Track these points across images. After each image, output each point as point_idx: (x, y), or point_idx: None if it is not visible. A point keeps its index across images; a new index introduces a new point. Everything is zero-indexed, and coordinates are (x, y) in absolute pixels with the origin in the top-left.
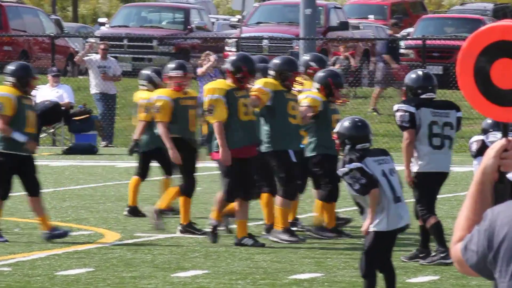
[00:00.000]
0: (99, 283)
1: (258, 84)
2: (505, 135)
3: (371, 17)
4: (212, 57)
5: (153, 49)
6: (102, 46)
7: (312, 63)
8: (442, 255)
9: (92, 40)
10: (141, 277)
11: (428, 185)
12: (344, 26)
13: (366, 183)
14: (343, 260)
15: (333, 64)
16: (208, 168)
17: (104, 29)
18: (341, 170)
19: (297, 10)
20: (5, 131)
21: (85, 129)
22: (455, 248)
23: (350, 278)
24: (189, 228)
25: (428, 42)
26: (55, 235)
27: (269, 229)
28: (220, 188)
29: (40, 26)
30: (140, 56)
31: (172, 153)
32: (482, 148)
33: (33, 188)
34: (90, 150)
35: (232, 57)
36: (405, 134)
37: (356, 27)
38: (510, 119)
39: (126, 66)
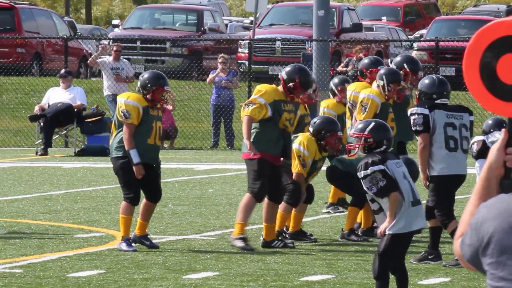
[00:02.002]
0: (110, 285)
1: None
2: (510, 130)
3: (384, 18)
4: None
5: (166, 51)
6: (115, 48)
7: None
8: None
9: (105, 42)
10: (152, 279)
11: (446, 188)
12: (357, 27)
13: (385, 185)
14: (354, 262)
15: (346, 66)
16: (219, 170)
17: (117, 31)
18: (362, 172)
19: (310, 12)
20: (128, 142)
21: (97, 131)
22: (456, 243)
23: (362, 280)
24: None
25: (441, 43)
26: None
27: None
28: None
29: (53, 28)
30: (153, 58)
31: None
32: (483, 149)
33: (154, 194)
34: (102, 152)
35: (288, 67)
36: (419, 138)
37: (369, 29)
38: None
39: (139, 68)
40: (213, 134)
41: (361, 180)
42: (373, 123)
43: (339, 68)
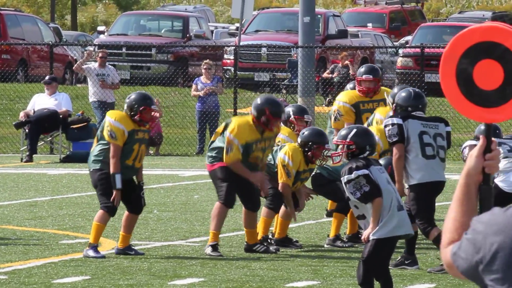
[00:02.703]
0: None
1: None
2: (488, 136)
3: (370, 25)
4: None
5: (151, 57)
6: (100, 54)
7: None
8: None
9: (90, 48)
10: (138, 285)
11: (425, 196)
12: (342, 34)
13: (369, 191)
14: (340, 268)
15: (332, 72)
16: (205, 176)
17: (102, 37)
18: (345, 177)
19: (295, 18)
20: (114, 166)
21: (83, 137)
22: (445, 252)
23: (347, 286)
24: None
25: (426, 50)
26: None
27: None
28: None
29: (38, 34)
30: (139, 64)
31: None
32: None
33: (136, 206)
34: (87, 158)
35: (254, 102)
36: (394, 149)
37: (355, 35)
38: (493, 120)
39: (125, 74)
40: (199, 140)
41: (344, 186)
42: (355, 130)
43: (325, 75)
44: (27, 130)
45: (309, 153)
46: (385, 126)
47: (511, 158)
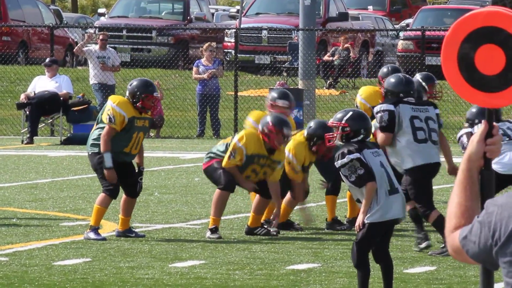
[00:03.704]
0: (96, 273)
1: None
2: (489, 121)
3: (371, 7)
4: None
5: (152, 40)
6: (101, 37)
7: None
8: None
9: (91, 30)
10: (139, 267)
11: (421, 179)
12: (343, 16)
13: (363, 174)
14: (340, 250)
15: (332, 55)
16: (201, 159)
17: (103, 20)
18: (339, 162)
19: (296, 1)
20: (105, 145)
21: (83, 120)
22: (452, 237)
23: (348, 269)
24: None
25: (427, 33)
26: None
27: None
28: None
29: (39, 17)
30: (139, 46)
31: None
32: None
33: (133, 190)
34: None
35: (263, 120)
36: (382, 136)
37: (356, 18)
38: (494, 105)
39: (125, 57)
40: (199, 123)
41: (340, 170)
42: (350, 113)
43: (325, 58)
44: (27, 112)
45: (313, 148)
46: (377, 112)
47: (505, 141)
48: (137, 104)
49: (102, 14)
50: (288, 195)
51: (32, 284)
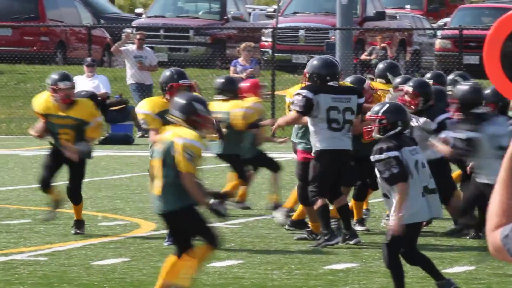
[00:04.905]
0: (135, 273)
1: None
2: None
3: (408, 7)
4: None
5: (189, 39)
6: (138, 36)
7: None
8: (325, 237)
9: (128, 30)
10: None
11: (325, 163)
12: (380, 16)
13: (397, 173)
14: (378, 250)
15: (370, 54)
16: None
17: (140, 20)
18: (376, 156)
19: (333, 0)
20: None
21: (121, 119)
22: (494, 236)
23: (386, 268)
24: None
25: (465, 32)
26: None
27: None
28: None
29: (76, 16)
30: (177, 46)
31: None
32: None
33: None
34: (126, 140)
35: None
36: (294, 115)
37: (393, 17)
38: None
39: (163, 57)
40: None
41: (375, 164)
42: (387, 105)
43: (363, 57)
44: None
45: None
46: (296, 94)
47: None
48: (166, 97)
49: (140, 14)
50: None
51: (71, 283)
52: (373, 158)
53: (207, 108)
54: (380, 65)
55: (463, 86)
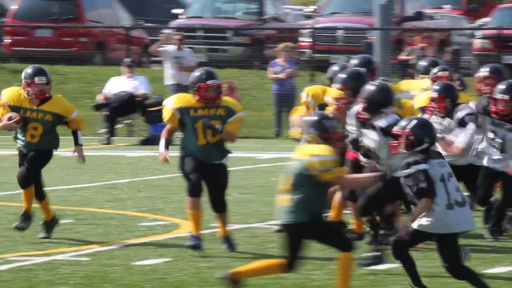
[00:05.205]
0: (176, 273)
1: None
2: None
3: (447, 6)
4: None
5: (227, 40)
6: (177, 37)
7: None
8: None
9: (167, 31)
10: (218, 267)
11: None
12: (419, 16)
13: (424, 188)
14: (420, 250)
15: (408, 55)
16: (283, 159)
17: (179, 20)
18: (404, 172)
19: (372, 0)
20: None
21: (161, 120)
22: None
23: (426, 269)
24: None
25: (504, 31)
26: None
27: None
28: None
29: (115, 17)
30: (215, 47)
31: None
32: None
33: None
34: None
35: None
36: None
37: (432, 17)
38: None
39: (201, 57)
40: (276, 123)
41: (403, 179)
42: (414, 121)
43: (402, 57)
44: (105, 113)
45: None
46: None
47: None
48: (195, 97)
49: (177, 15)
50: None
51: (112, 283)
52: (401, 173)
53: (337, 124)
54: (423, 63)
55: (371, 86)
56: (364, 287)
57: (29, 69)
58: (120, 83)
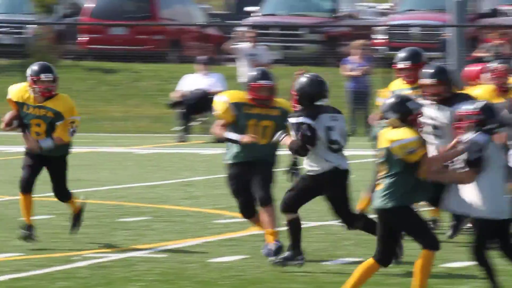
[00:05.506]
0: (252, 270)
1: None
2: None
3: None
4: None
5: (302, 37)
6: (251, 34)
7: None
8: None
9: (241, 28)
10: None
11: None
12: (494, 12)
13: (473, 160)
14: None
15: (484, 52)
16: (359, 156)
17: (253, 18)
18: (464, 138)
19: None
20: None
21: None
22: None
23: (504, 267)
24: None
25: None
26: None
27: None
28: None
29: (189, 15)
30: (290, 44)
31: None
32: None
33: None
34: None
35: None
36: None
37: (507, 14)
38: None
39: (276, 55)
40: (351, 120)
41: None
42: (481, 102)
43: (477, 54)
44: (181, 111)
45: None
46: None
47: None
48: (248, 96)
49: (249, 13)
50: None
51: (189, 280)
52: (462, 138)
53: (418, 105)
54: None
55: (303, 78)
56: (440, 284)
57: (35, 66)
58: (195, 81)
